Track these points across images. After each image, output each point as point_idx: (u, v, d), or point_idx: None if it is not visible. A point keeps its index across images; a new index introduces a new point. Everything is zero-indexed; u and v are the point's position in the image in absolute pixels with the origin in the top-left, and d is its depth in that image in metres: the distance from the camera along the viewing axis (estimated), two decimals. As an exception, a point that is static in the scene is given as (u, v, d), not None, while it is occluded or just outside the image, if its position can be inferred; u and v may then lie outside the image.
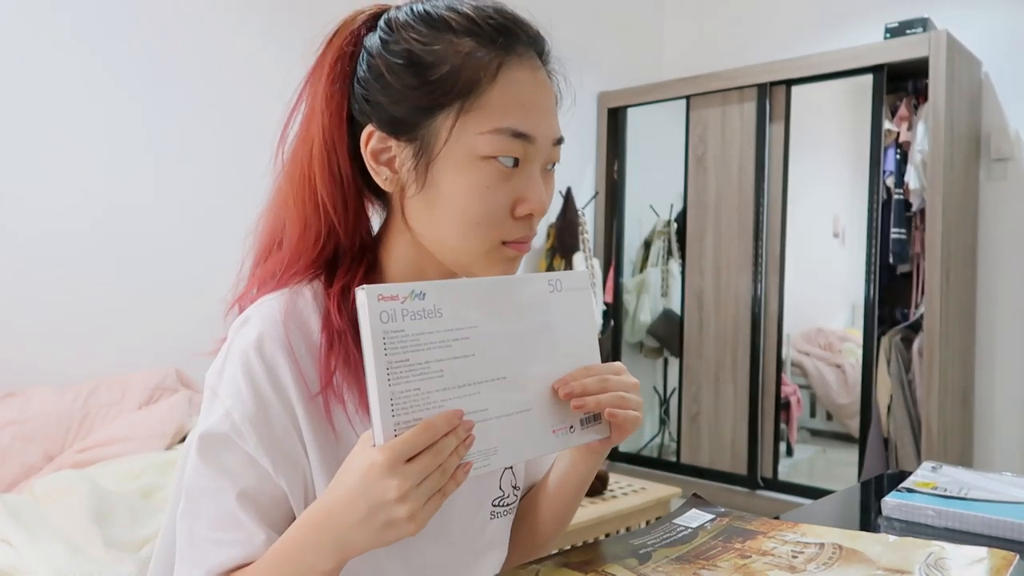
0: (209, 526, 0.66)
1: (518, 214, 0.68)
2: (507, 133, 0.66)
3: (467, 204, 0.67)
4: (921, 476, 0.99)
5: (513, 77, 0.67)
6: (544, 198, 0.69)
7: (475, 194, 0.66)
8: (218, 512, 0.66)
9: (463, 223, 0.67)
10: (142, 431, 1.88)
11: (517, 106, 0.67)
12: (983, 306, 2.99)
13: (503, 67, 0.67)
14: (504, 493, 0.80)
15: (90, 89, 2.16)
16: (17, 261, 2.03)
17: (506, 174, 0.67)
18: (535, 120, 0.68)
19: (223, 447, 0.66)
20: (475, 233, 0.67)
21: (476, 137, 0.66)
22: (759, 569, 0.64)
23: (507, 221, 0.68)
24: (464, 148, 0.66)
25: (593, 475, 0.80)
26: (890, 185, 2.97)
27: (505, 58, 0.67)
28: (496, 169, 0.66)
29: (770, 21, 3.57)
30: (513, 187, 0.68)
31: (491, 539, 0.80)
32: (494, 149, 0.66)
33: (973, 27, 2.92)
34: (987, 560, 0.66)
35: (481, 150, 0.66)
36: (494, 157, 0.66)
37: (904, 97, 3.00)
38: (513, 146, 0.66)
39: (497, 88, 0.66)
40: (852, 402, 3.16)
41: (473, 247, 0.68)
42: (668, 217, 3.62)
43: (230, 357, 0.68)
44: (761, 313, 3.14)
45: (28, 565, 1.35)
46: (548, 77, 0.72)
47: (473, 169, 0.66)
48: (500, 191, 0.67)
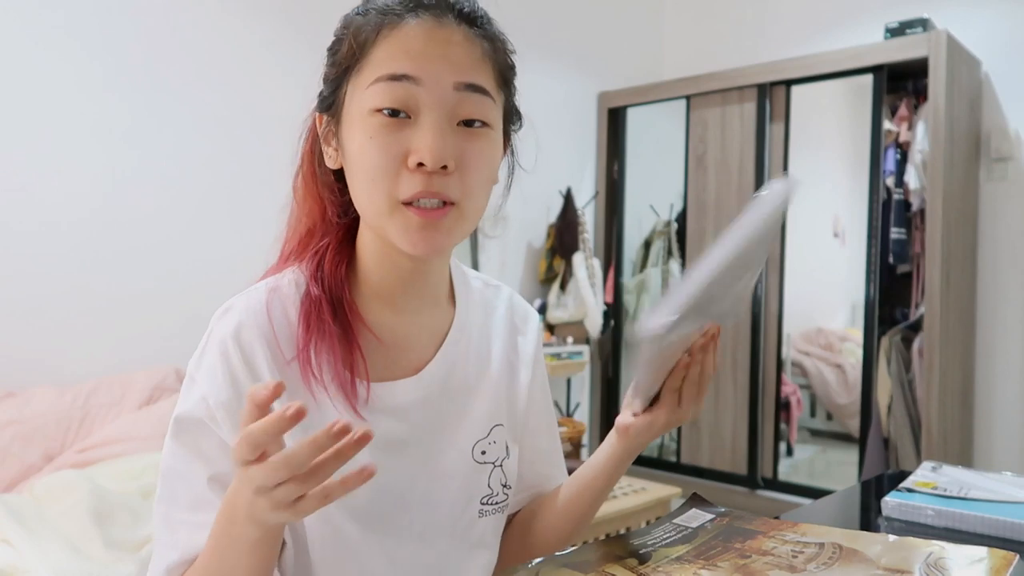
0: (185, 508, 0.67)
1: (409, 164, 0.66)
2: (385, 79, 0.66)
3: (360, 159, 0.67)
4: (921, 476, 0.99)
5: (401, 33, 0.67)
6: (436, 146, 0.65)
7: (365, 147, 0.67)
8: (193, 495, 0.67)
9: (363, 180, 0.68)
10: (142, 431, 1.88)
11: (401, 55, 0.66)
12: (983, 306, 2.99)
13: (388, 26, 0.67)
14: (493, 491, 0.80)
15: (90, 88, 2.15)
16: (17, 261, 2.03)
17: (394, 124, 0.66)
18: (418, 62, 0.66)
19: (198, 431, 0.67)
20: (373, 189, 0.67)
21: (363, 93, 0.67)
22: (759, 569, 0.64)
23: (402, 174, 0.66)
24: (356, 106, 0.68)
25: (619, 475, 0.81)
26: (890, 185, 2.97)
27: (397, 20, 0.67)
28: (379, 120, 0.66)
29: (770, 21, 3.57)
30: (404, 137, 0.66)
31: (480, 538, 0.79)
32: (377, 100, 0.66)
33: (973, 27, 2.92)
34: (987, 560, 0.66)
35: (367, 103, 0.66)
36: (379, 109, 0.66)
37: (904, 97, 3.00)
38: (394, 91, 0.65)
39: (381, 45, 0.67)
40: (852, 402, 3.16)
41: (376, 206, 0.68)
42: (668, 217, 3.62)
43: (209, 344, 0.70)
44: (761, 313, 3.14)
45: (28, 565, 1.35)
46: (466, 37, 0.69)
47: (363, 123, 0.67)
48: (387, 141, 0.66)
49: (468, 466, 0.78)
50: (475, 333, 0.82)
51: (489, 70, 0.70)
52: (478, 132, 0.69)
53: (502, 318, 0.86)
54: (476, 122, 0.68)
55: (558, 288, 3.23)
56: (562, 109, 3.47)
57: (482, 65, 0.69)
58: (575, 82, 3.52)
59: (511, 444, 0.83)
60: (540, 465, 0.89)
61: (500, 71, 0.72)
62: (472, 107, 0.68)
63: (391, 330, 0.76)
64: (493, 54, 0.71)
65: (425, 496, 0.75)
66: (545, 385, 0.91)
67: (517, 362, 0.86)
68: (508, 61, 0.74)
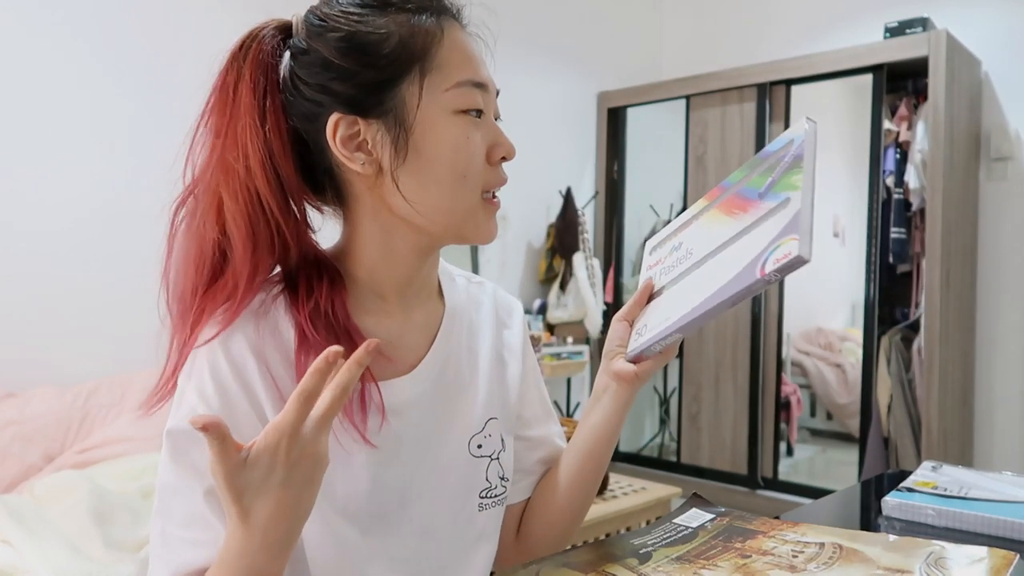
0: (180, 524, 0.65)
1: (493, 159, 0.73)
2: (468, 84, 0.70)
3: (454, 160, 0.70)
4: (921, 476, 0.99)
5: (455, 35, 0.72)
6: (510, 141, 0.73)
7: (459, 148, 0.70)
8: (188, 510, 0.65)
9: (453, 180, 0.70)
10: (142, 431, 1.88)
11: (467, 60, 0.71)
12: (983, 306, 2.99)
13: (447, 28, 0.71)
14: (491, 485, 0.80)
15: (91, 88, 2.15)
16: (17, 261, 2.03)
17: (476, 124, 0.71)
18: (482, 70, 0.72)
19: (190, 444, 0.66)
20: (465, 187, 0.71)
21: (443, 95, 0.69)
22: (759, 569, 0.64)
23: (486, 169, 0.72)
24: (436, 108, 0.69)
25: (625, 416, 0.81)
26: (890, 185, 2.97)
27: (442, 20, 0.71)
28: (468, 120, 0.70)
29: (770, 21, 3.57)
30: (484, 136, 0.72)
31: (480, 531, 0.80)
32: (462, 102, 0.70)
33: (973, 27, 2.92)
34: (987, 560, 0.66)
35: (452, 105, 0.69)
36: (464, 110, 0.70)
37: (904, 97, 3.00)
38: (475, 95, 0.71)
39: (446, 47, 0.70)
40: (852, 402, 3.16)
41: (466, 203, 0.71)
42: (668, 217, 3.62)
43: (197, 357, 0.69)
44: (761, 313, 3.14)
45: (28, 565, 1.35)
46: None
47: (451, 125, 0.69)
48: (476, 140, 0.71)
49: (465, 461, 0.78)
50: (464, 328, 0.83)
51: None
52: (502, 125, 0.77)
53: (488, 313, 0.86)
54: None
55: (558, 288, 3.23)
56: (562, 109, 3.47)
57: None
58: (575, 82, 3.52)
59: (506, 436, 0.83)
60: (541, 452, 0.90)
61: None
62: (497, 105, 0.76)
63: (384, 330, 0.76)
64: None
65: (424, 493, 0.75)
66: (536, 374, 0.92)
67: (506, 355, 0.86)
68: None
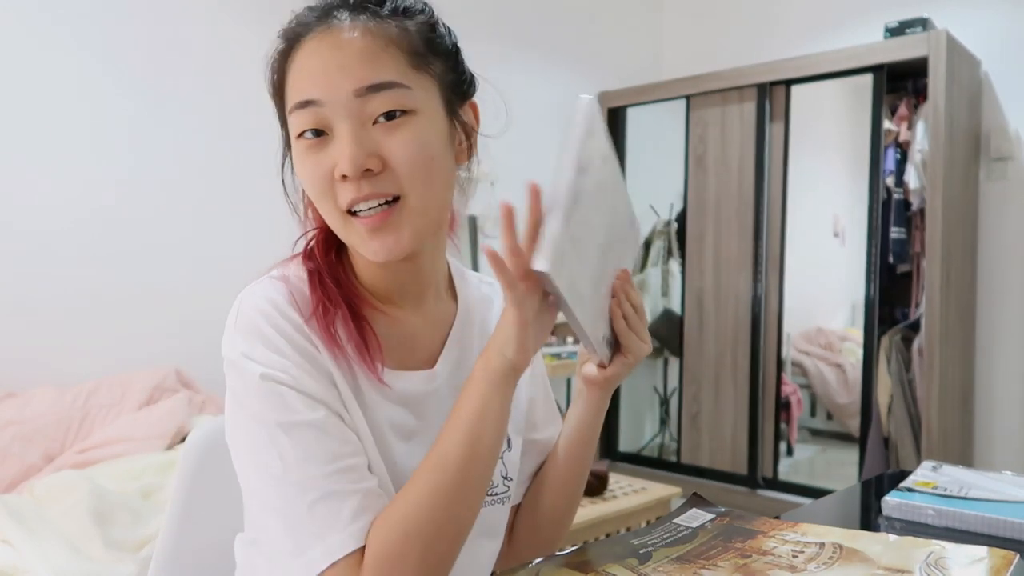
0: (323, 461, 0.65)
1: (336, 178, 0.68)
2: (296, 108, 0.69)
3: (306, 183, 0.72)
4: (921, 476, 0.99)
5: (301, 56, 0.70)
6: (349, 153, 0.66)
7: (302, 172, 0.71)
8: (331, 452, 0.66)
9: (317, 201, 0.71)
10: (142, 431, 1.88)
11: (304, 79, 0.69)
12: (983, 306, 2.99)
13: (292, 53, 0.71)
14: (494, 483, 0.80)
15: (91, 89, 2.16)
16: (17, 262, 2.03)
17: (318, 144, 0.69)
18: (318, 83, 0.68)
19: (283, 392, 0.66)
20: (322, 206, 0.71)
21: (289, 120, 0.71)
22: (759, 569, 0.64)
23: (336, 187, 0.69)
24: (292, 134, 0.71)
25: (602, 417, 0.83)
26: (890, 185, 2.97)
27: (296, 43, 0.70)
28: (306, 144, 0.69)
29: (770, 21, 3.57)
30: (329, 153, 0.68)
31: (481, 527, 0.80)
32: (296, 125, 0.69)
33: (972, 27, 2.92)
34: (987, 560, 0.66)
35: (294, 131, 0.70)
36: (301, 134, 0.69)
37: (904, 97, 3.00)
38: (303, 117, 0.68)
39: (290, 74, 0.71)
40: (852, 402, 3.16)
41: (332, 221, 0.72)
42: (668, 217, 3.62)
43: (243, 319, 0.69)
44: (761, 313, 3.14)
45: (28, 565, 1.35)
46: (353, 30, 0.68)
47: (296, 150, 0.71)
48: (316, 161, 0.69)
49: None
50: (476, 327, 0.83)
51: (397, 55, 0.68)
52: (399, 122, 0.68)
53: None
54: (395, 112, 0.68)
55: (558, 288, 3.23)
56: (562, 109, 3.47)
57: (385, 55, 0.68)
58: (575, 82, 3.52)
59: (513, 436, 0.84)
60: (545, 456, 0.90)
61: (413, 49, 0.70)
62: (380, 103, 0.67)
63: (400, 322, 0.77)
64: (400, 35, 0.69)
65: None
66: (544, 378, 0.92)
67: None
68: (426, 34, 0.71)
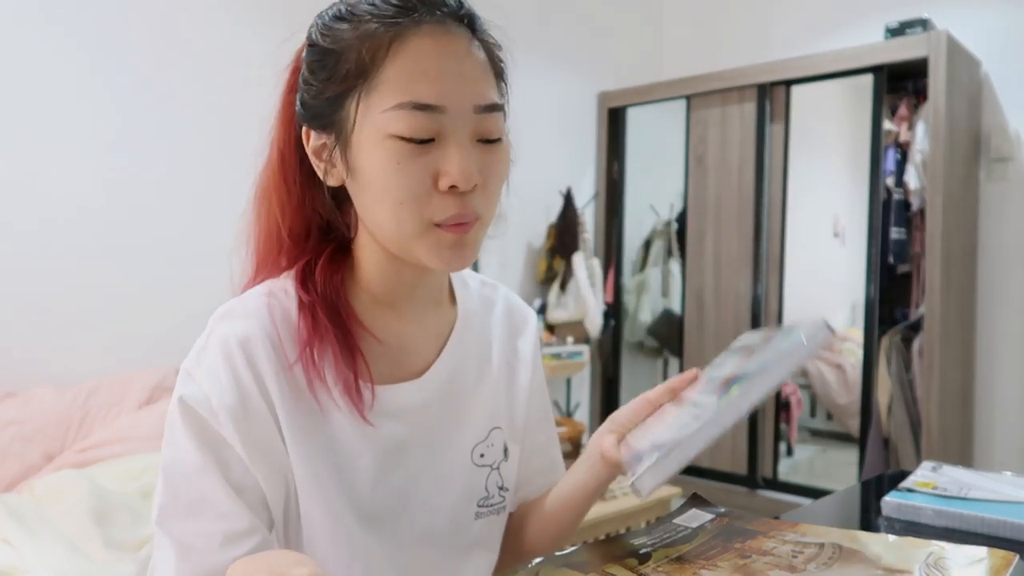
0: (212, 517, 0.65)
1: (440, 187, 0.65)
2: (408, 107, 0.63)
3: (384, 184, 0.65)
4: (921, 476, 0.99)
5: (413, 48, 0.64)
6: (467, 168, 0.64)
7: (388, 173, 0.65)
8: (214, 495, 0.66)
9: (391, 204, 0.66)
10: (142, 431, 1.88)
11: (419, 77, 0.64)
12: (983, 306, 2.99)
13: (398, 40, 0.64)
14: (489, 494, 0.80)
15: (87, 87, 2.15)
16: (17, 260, 2.03)
17: (420, 149, 0.64)
18: (442, 88, 0.64)
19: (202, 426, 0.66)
20: (403, 212, 0.66)
21: (380, 116, 0.64)
22: (759, 569, 0.64)
23: (433, 197, 0.65)
24: (372, 129, 0.65)
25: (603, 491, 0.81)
26: (890, 185, 2.97)
27: (403, 31, 0.65)
28: (403, 146, 0.64)
29: (770, 21, 3.57)
30: (431, 161, 0.65)
31: (477, 539, 0.79)
32: (401, 127, 0.64)
33: (972, 27, 2.92)
34: (987, 560, 0.66)
35: (387, 128, 0.64)
36: (401, 135, 0.64)
37: (904, 97, 3.00)
38: (414, 120, 0.64)
39: (394, 62, 0.64)
40: (852, 402, 3.16)
41: (406, 229, 0.66)
42: (668, 217, 3.62)
43: (210, 345, 0.69)
44: (761, 313, 3.14)
45: (28, 565, 1.35)
46: (471, 45, 0.67)
47: (380, 149, 0.65)
48: (414, 166, 0.64)
49: (467, 469, 0.78)
50: (475, 334, 0.82)
51: (494, 79, 0.69)
52: (496, 146, 0.68)
53: (500, 318, 0.86)
54: (499, 137, 0.68)
55: (558, 288, 3.23)
56: (562, 109, 3.47)
57: (489, 77, 0.68)
58: (575, 82, 3.52)
59: (510, 446, 0.83)
60: (537, 461, 0.89)
61: (500, 76, 0.71)
62: (491, 126, 0.67)
63: (394, 333, 0.75)
64: (491, 60, 0.70)
65: (426, 499, 0.75)
66: (543, 386, 0.91)
67: (517, 364, 0.86)
68: (502, 61, 0.72)
